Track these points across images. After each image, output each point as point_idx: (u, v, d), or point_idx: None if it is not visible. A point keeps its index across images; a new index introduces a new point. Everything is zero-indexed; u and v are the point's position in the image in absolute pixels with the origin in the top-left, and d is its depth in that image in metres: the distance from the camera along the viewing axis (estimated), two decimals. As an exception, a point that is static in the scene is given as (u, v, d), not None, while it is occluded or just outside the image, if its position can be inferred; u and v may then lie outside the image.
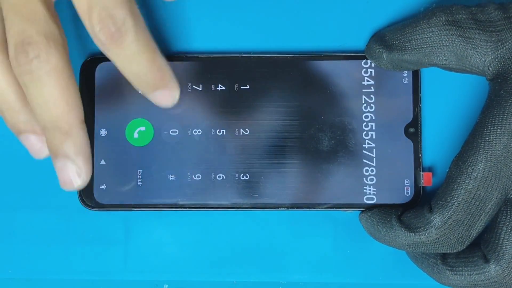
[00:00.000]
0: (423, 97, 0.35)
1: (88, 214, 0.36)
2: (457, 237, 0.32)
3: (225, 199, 0.35)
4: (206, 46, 0.36)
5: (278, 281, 0.36)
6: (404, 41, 0.33)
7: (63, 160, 0.30)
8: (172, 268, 0.36)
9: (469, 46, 0.31)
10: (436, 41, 0.32)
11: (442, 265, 0.33)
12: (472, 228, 0.32)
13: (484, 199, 0.31)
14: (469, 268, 0.32)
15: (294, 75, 0.35)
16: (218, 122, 0.35)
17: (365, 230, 0.35)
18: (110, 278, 0.36)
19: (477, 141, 0.31)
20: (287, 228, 0.36)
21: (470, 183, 0.31)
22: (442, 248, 0.32)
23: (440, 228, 0.32)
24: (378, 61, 0.34)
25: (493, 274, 0.31)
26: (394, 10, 0.36)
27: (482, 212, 0.31)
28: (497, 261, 0.31)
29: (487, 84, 0.34)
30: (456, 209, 0.31)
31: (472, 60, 0.32)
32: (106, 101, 0.35)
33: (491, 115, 0.31)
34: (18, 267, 0.36)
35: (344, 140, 0.35)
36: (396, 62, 0.33)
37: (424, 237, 0.32)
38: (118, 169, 0.35)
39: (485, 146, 0.31)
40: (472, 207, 0.31)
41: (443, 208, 0.32)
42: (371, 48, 0.34)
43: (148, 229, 0.36)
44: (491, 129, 0.31)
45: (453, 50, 0.32)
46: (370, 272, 0.36)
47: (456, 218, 0.31)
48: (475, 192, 0.31)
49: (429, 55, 0.32)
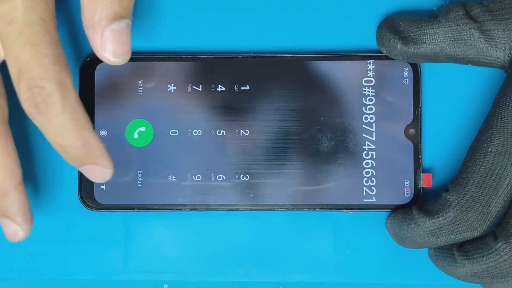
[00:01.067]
0: (423, 98, 0.35)
1: (88, 214, 0.36)
2: (475, 215, 0.32)
3: (225, 199, 0.35)
4: (206, 46, 0.36)
5: (278, 281, 0.36)
6: (421, 34, 0.33)
7: (3, 219, 0.32)
8: (172, 268, 0.36)
9: (488, 39, 0.32)
10: (454, 35, 0.32)
11: (458, 254, 0.32)
12: (490, 205, 0.32)
13: (500, 175, 0.31)
14: (481, 250, 0.32)
15: (294, 75, 0.35)
16: (218, 122, 0.35)
17: (391, 236, 0.35)
18: (110, 278, 0.36)
19: (491, 120, 0.32)
20: (287, 229, 0.36)
21: (485, 159, 0.32)
22: (462, 229, 0.32)
23: (456, 206, 0.32)
24: (390, 50, 0.34)
25: (502, 251, 0.31)
26: (394, 10, 0.36)
27: (499, 188, 0.32)
28: (506, 238, 0.31)
29: (488, 85, 0.35)
30: (472, 185, 0.32)
31: (492, 52, 0.32)
32: (106, 102, 0.35)
33: (504, 94, 0.32)
34: (18, 267, 0.36)
35: (344, 140, 0.35)
36: (409, 55, 0.33)
37: (443, 218, 0.32)
38: (118, 169, 0.35)
39: (499, 123, 0.32)
40: (488, 182, 0.32)
41: (459, 186, 0.32)
42: (383, 36, 0.34)
43: (148, 229, 0.36)
44: (504, 107, 0.32)
45: (472, 43, 0.32)
46: (370, 272, 0.36)
47: (472, 194, 0.32)
48: (490, 167, 0.32)
49: (447, 49, 0.32)
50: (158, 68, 0.35)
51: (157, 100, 0.35)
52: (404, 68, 0.35)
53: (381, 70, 0.35)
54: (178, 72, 0.35)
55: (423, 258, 0.35)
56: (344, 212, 0.36)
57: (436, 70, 0.35)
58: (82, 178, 0.35)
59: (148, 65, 0.35)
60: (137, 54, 0.35)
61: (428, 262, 0.35)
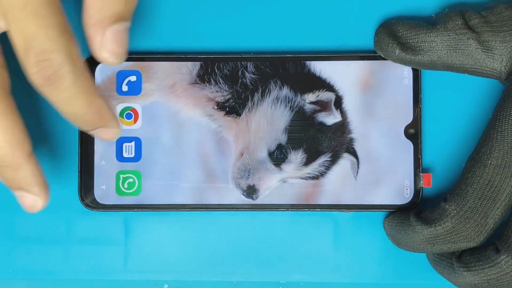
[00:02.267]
0: (423, 98, 0.35)
1: (88, 214, 0.36)
2: (473, 226, 0.32)
3: (225, 199, 0.35)
4: (206, 46, 0.36)
5: (278, 281, 0.36)
6: (419, 42, 0.33)
7: (19, 192, 0.32)
8: (172, 268, 0.36)
9: (485, 49, 0.32)
10: (452, 44, 0.32)
11: (457, 264, 0.33)
12: (488, 217, 0.32)
13: (498, 187, 0.32)
14: (482, 262, 0.32)
15: (294, 75, 0.35)
16: (218, 122, 0.35)
17: (388, 237, 0.35)
18: (110, 278, 0.36)
19: (490, 133, 0.32)
20: (287, 229, 0.36)
21: (484, 170, 0.32)
22: (459, 239, 0.32)
23: (455, 216, 0.32)
24: (388, 55, 0.34)
25: (504, 265, 0.31)
26: (394, 10, 0.36)
27: (497, 200, 0.32)
28: (508, 251, 0.31)
29: (487, 86, 0.35)
30: (471, 196, 0.32)
31: (489, 62, 0.32)
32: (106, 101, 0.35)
33: (503, 108, 0.32)
34: (18, 267, 0.36)
35: (344, 140, 0.35)
36: (406, 61, 0.34)
37: (440, 227, 0.32)
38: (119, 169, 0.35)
39: (498, 136, 0.32)
40: (487, 194, 0.32)
41: (458, 196, 0.32)
42: (382, 41, 0.34)
43: (148, 229, 0.36)
44: (504, 121, 0.32)
45: (470, 53, 0.32)
46: (370, 272, 0.36)
47: (471, 205, 0.32)
48: (489, 179, 0.32)
49: (444, 58, 0.33)
50: (158, 67, 0.35)
51: (157, 100, 0.35)
52: (404, 68, 0.35)
53: (381, 70, 0.35)
54: (179, 72, 0.35)
55: (423, 259, 0.35)
56: (344, 212, 0.36)
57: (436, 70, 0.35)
58: (82, 178, 0.35)
59: (148, 65, 0.35)
60: (137, 54, 0.35)
61: (428, 262, 0.35)
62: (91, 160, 0.35)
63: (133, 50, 0.35)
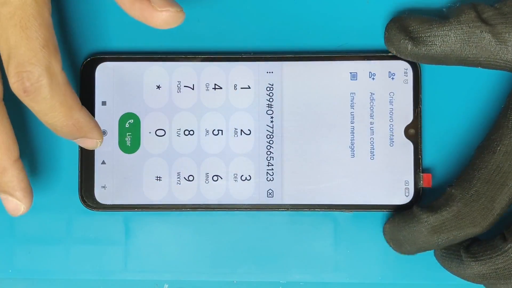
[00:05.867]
0: (423, 98, 0.35)
1: (88, 214, 0.36)
2: (479, 209, 0.32)
3: (225, 199, 0.35)
4: (206, 45, 0.36)
5: (278, 281, 0.36)
6: (432, 36, 0.33)
7: (3, 195, 0.33)
8: (172, 268, 0.36)
9: (499, 42, 0.32)
10: (466, 38, 0.32)
11: (465, 255, 0.33)
12: (495, 201, 0.32)
13: (507, 173, 0.32)
14: (490, 252, 0.32)
15: (294, 75, 0.35)
16: (218, 122, 0.35)
17: (389, 243, 0.35)
18: (110, 278, 0.36)
19: (502, 121, 0.32)
20: (287, 229, 0.36)
21: (493, 156, 0.32)
22: (465, 223, 0.32)
23: (461, 200, 0.32)
24: (400, 51, 0.34)
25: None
26: (394, 10, 0.36)
27: (505, 185, 0.32)
28: None
29: (487, 86, 0.35)
30: (478, 180, 0.32)
31: (503, 55, 0.32)
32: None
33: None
34: (18, 267, 0.36)
35: (343, 140, 0.35)
36: (419, 56, 0.33)
37: (446, 212, 0.32)
38: (119, 169, 0.35)
39: (509, 124, 0.32)
40: (494, 179, 0.32)
41: (464, 181, 0.32)
42: (393, 36, 0.34)
43: (148, 229, 0.36)
44: None
45: (484, 46, 0.32)
46: (370, 272, 0.36)
47: (477, 189, 0.32)
48: (498, 164, 0.32)
49: (458, 51, 0.32)
50: (158, 67, 0.35)
51: (157, 99, 0.35)
52: (404, 68, 0.35)
53: (381, 70, 0.35)
54: (179, 71, 0.35)
55: (423, 259, 0.35)
56: (344, 212, 0.36)
57: (436, 70, 0.35)
58: (82, 178, 0.35)
59: (148, 65, 0.35)
60: (137, 54, 0.35)
61: (428, 262, 0.35)
62: (91, 160, 0.35)
63: (133, 50, 0.35)
